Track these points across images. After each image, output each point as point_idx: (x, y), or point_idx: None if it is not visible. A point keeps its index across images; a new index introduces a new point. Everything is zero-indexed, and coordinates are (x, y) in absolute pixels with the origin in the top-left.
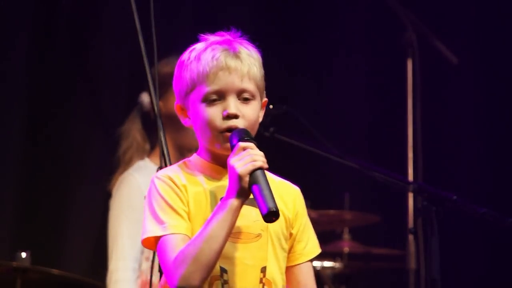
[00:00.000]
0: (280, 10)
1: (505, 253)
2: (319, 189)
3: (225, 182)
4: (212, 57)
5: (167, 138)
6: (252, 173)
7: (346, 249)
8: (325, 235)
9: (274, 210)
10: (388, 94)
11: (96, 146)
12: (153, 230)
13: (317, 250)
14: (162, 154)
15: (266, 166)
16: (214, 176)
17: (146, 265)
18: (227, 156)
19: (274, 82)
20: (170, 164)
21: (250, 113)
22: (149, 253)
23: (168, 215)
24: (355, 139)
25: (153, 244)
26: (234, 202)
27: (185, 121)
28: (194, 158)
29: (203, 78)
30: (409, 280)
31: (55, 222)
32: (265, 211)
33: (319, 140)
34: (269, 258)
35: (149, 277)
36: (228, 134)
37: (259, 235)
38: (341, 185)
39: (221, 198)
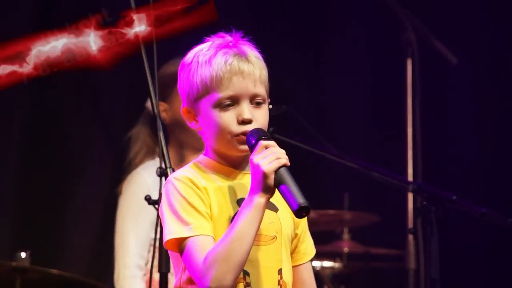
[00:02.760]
0: (280, 10)
1: (505, 253)
2: (318, 189)
3: (240, 180)
4: (225, 62)
5: (173, 139)
6: (277, 170)
7: (345, 249)
8: (324, 235)
9: (305, 204)
10: (388, 94)
11: (96, 146)
12: (178, 232)
13: (314, 250)
14: (162, 155)
15: (288, 163)
16: (228, 175)
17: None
18: (240, 157)
19: (273, 82)
20: (170, 165)
21: (262, 117)
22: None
23: (192, 216)
24: (354, 139)
25: (175, 245)
26: (261, 199)
27: (192, 124)
28: (204, 159)
29: (217, 83)
30: (408, 280)
31: (55, 222)
32: (296, 207)
33: (318, 140)
34: (284, 260)
35: (154, 275)
36: (243, 137)
37: (274, 237)
38: (340, 185)
39: (239, 199)
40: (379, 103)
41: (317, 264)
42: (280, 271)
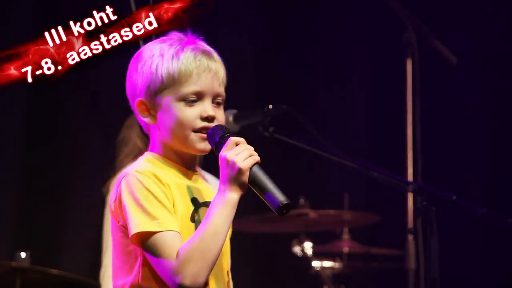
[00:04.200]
0: (280, 10)
1: (505, 253)
2: (318, 189)
3: (192, 180)
4: (195, 57)
5: None
6: (251, 167)
7: (345, 249)
8: (324, 235)
9: (288, 202)
10: (388, 94)
11: (96, 147)
12: (145, 225)
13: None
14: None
15: (259, 160)
16: (183, 174)
17: None
18: (191, 156)
19: (274, 82)
20: None
21: (222, 117)
22: None
23: (159, 211)
24: (354, 139)
25: (138, 240)
26: (234, 196)
27: (144, 118)
28: (154, 156)
29: (185, 77)
30: (408, 280)
31: (55, 223)
32: (277, 205)
33: (318, 140)
34: (228, 262)
35: None
36: (203, 134)
37: None
38: (340, 185)
39: (193, 198)
40: (379, 103)
41: (317, 264)
42: (228, 273)
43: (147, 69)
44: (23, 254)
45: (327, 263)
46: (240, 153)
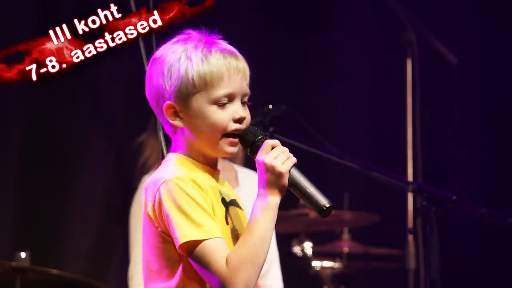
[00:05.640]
0: (280, 10)
1: (505, 253)
2: (318, 189)
3: (220, 184)
4: (224, 59)
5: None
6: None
7: (345, 249)
8: (324, 235)
9: (331, 205)
10: (388, 94)
11: (96, 146)
12: (192, 234)
13: None
14: (162, 155)
15: (296, 161)
16: (211, 176)
17: None
18: (216, 158)
19: (274, 82)
20: None
21: (249, 117)
22: None
23: (204, 218)
24: (354, 139)
25: (185, 249)
26: (276, 199)
27: (172, 121)
28: (184, 159)
29: (218, 80)
30: (408, 280)
31: (55, 222)
32: (321, 208)
33: (318, 140)
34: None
35: None
36: (233, 139)
37: None
38: (340, 185)
39: (222, 199)
40: (379, 103)
41: (317, 264)
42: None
43: (176, 73)
44: (23, 254)
45: (327, 263)
46: (278, 157)
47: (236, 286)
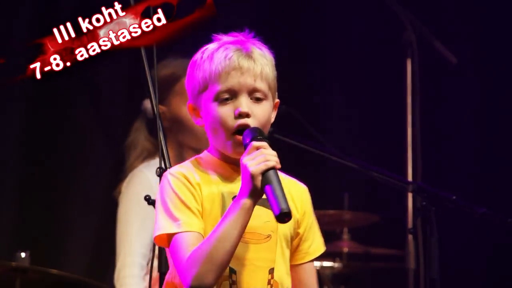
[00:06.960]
0: (280, 10)
1: (505, 253)
2: (318, 189)
3: (238, 183)
4: (225, 57)
5: (171, 139)
6: (264, 173)
7: (345, 249)
8: (324, 235)
9: (287, 211)
10: (387, 94)
11: (96, 147)
12: (166, 227)
13: (322, 249)
14: (162, 155)
15: (278, 166)
16: (228, 176)
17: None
18: (239, 158)
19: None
20: (170, 165)
21: (262, 113)
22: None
23: (182, 212)
24: (354, 139)
25: (166, 241)
26: (246, 202)
27: (197, 121)
28: (206, 155)
29: (216, 77)
30: (408, 280)
31: (55, 222)
32: (277, 212)
33: (318, 140)
34: (277, 260)
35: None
36: (240, 137)
37: (269, 236)
38: (340, 185)
39: (233, 198)
40: (379, 103)
41: (317, 264)
42: (271, 271)
43: (191, 74)
44: (23, 254)
45: (327, 263)
46: (255, 158)
47: (189, 279)
